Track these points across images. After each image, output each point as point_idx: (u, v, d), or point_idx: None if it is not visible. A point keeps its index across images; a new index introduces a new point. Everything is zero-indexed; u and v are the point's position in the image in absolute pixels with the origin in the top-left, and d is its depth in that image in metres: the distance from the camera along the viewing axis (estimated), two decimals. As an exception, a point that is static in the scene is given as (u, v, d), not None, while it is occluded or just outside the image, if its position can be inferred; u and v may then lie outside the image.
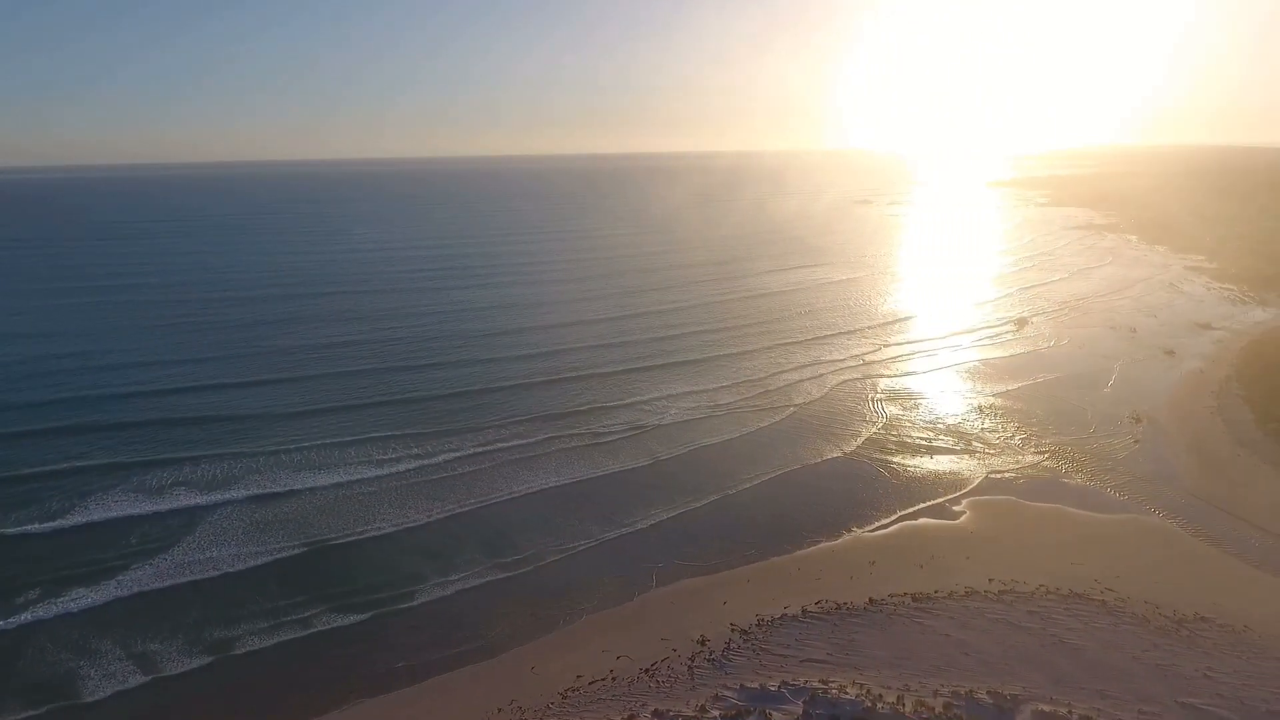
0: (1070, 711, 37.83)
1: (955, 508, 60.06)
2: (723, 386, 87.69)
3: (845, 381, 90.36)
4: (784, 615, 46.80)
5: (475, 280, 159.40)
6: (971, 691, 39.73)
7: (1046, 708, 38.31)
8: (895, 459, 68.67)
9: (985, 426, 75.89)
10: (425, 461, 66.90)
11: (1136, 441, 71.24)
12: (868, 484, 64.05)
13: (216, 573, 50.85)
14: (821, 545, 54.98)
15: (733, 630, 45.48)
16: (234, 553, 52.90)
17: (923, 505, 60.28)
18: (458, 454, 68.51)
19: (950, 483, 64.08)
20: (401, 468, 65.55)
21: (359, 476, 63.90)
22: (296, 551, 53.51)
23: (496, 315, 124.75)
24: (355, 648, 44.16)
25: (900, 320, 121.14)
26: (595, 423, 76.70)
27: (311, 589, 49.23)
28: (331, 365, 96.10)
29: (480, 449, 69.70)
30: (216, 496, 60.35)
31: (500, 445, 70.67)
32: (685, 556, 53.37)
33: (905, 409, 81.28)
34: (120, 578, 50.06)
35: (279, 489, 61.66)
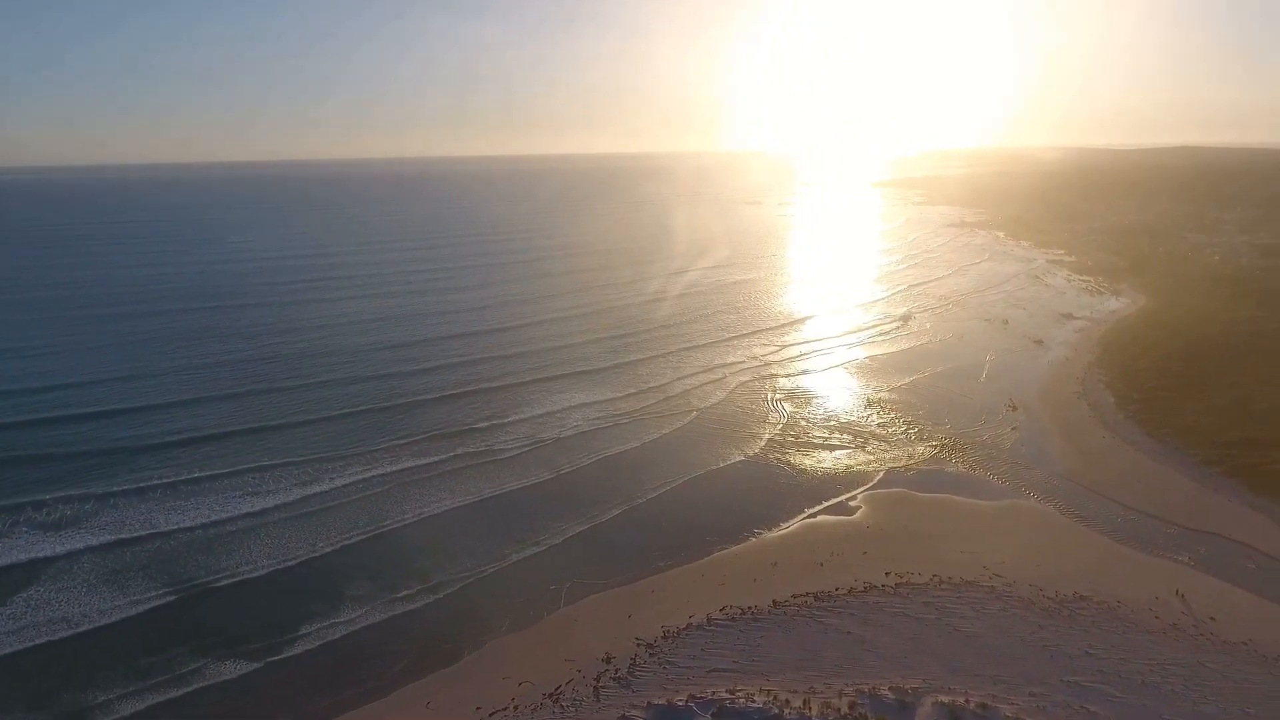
0: (968, 700, 39.00)
1: (852, 503, 61.51)
2: (624, 395, 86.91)
3: (745, 383, 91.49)
4: (689, 625, 46.37)
5: (359, 291, 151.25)
6: (875, 688, 40.39)
7: (945, 699, 39.35)
8: (795, 459, 69.79)
9: (877, 421, 78.38)
10: (308, 491, 62.62)
11: (1014, 429, 75.29)
12: (769, 485, 64.73)
13: (69, 632, 45.63)
14: (726, 550, 54.97)
15: (638, 645, 44.61)
16: (89, 607, 47.68)
17: (822, 503, 61.39)
18: (344, 481, 64.55)
19: (847, 479, 65.63)
20: (282, 499, 61.05)
21: (234, 512, 59.01)
22: (164, 600, 48.82)
23: (382, 328, 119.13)
24: (232, 703, 40.47)
25: (796, 321, 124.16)
26: (493, 438, 74.25)
27: (183, 641, 44.94)
28: (201, 389, 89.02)
29: (369, 474, 65.97)
30: (66, 544, 54.22)
31: (391, 468, 67.14)
32: (591, 572, 52.13)
33: (803, 408, 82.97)
34: (-51, 646, 44.10)
35: (141, 531, 56.13)
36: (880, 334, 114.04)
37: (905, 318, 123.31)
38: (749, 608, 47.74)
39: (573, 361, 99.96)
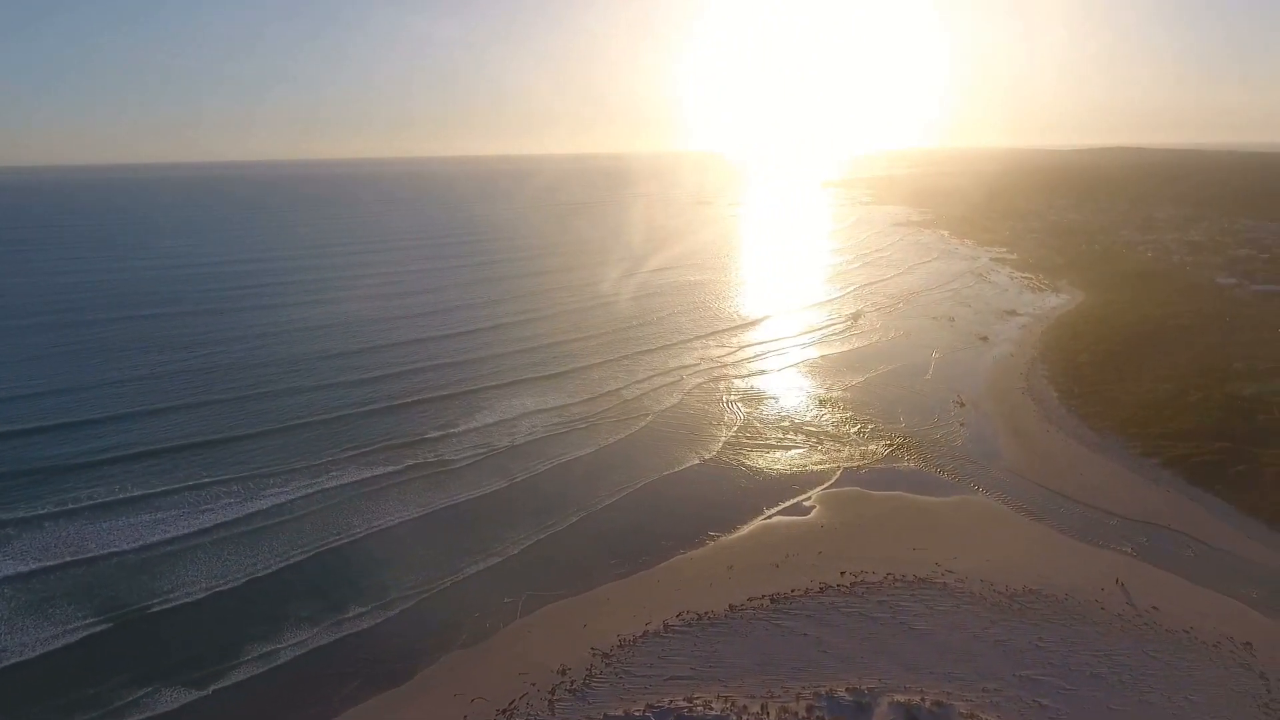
0: (923, 699, 39.26)
1: (807, 503, 61.75)
2: (579, 400, 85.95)
3: (700, 385, 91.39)
4: (646, 632, 45.84)
5: (302, 297, 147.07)
6: (832, 690, 40.42)
7: (901, 698, 39.56)
8: (750, 460, 69.82)
9: (830, 420, 78.98)
10: (250, 508, 60.28)
11: (962, 424, 76.64)
12: (726, 488, 64.58)
13: (-7, 665, 43.00)
14: (682, 555, 54.63)
15: (594, 655, 43.95)
16: (14, 640, 45.13)
17: (777, 504, 61.48)
18: (288, 496, 62.36)
19: (802, 479, 65.85)
20: (222, 517, 58.68)
21: (170, 533, 56.48)
22: (97, 629, 46.44)
23: (330, 335, 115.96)
24: (169, 735, 38.62)
25: (749, 322, 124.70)
26: (445, 448, 72.63)
27: (119, 671, 42.82)
28: (134, 402, 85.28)
29: (314, 488, 63.86)
30: (-12, 573, 51.24)
31: (338, 482, 65.06)
32: (547, 582, 51.24)
33: (758, 409, 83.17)
34: None
35: (69, 556, 53.34)
36: (833, 333, 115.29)
37: (856, 316, 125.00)
38: (706, 613, 47.43)
39: (526, 367, 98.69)
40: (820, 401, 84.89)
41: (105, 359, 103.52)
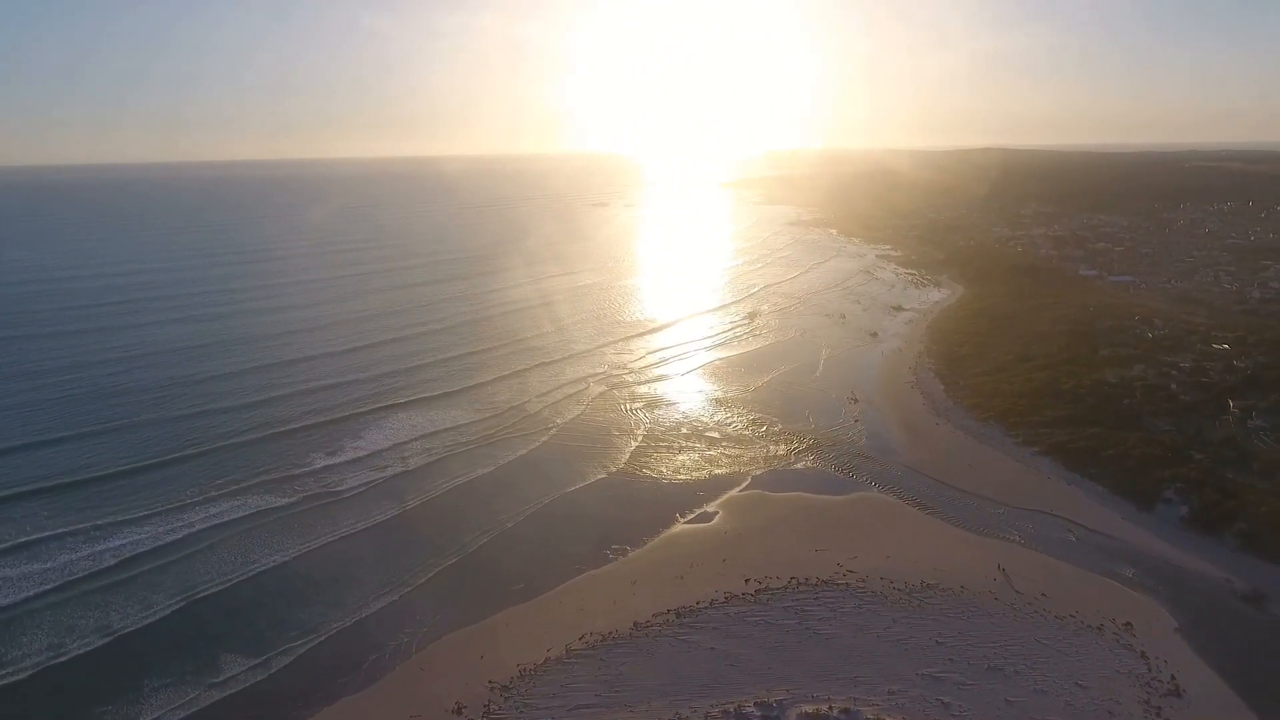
0: (831, 707, 38.94)
1: (710, 510, 61.23)
2: (478, 417, 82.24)
3: (604, 394, 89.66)
4: (547, 659, 43.80)
5: (169, 314, 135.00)
6: (740, 706, 39.59)
7: (809, 708, 39.10)
8: (654, 471, 68.66)
9: (732, 425, 78.93)
10: (101, 563, 54.00)
11: (856, 420, 78.26)
12: (630, 501, 63.14)
13: None
14: (585, 573, 52.87)
15: (492, 688, 41.58)
16: None
17: (681, 513, 60.61)
18: (149, 545, 56.30)
19: (705, 485, 65.25)
20: (67, 576, 52.24)
21: (6, 599, 49.82)
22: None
23: (201, 357, 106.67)
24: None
25: (651, 328, 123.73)
26: (331, 477, 67.66)
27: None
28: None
29: (184, 531, 58.08)
30: None
31: (207, 524, 59.30)
32: (444, 613, 48.44)
33: (662, 417, 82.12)
34: None
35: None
36: (733, 336, 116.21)
37: (754, 316, 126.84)
38: (610, 633, 45.81)
39: (421, 384, 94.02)
40: (721, 405, 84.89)
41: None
